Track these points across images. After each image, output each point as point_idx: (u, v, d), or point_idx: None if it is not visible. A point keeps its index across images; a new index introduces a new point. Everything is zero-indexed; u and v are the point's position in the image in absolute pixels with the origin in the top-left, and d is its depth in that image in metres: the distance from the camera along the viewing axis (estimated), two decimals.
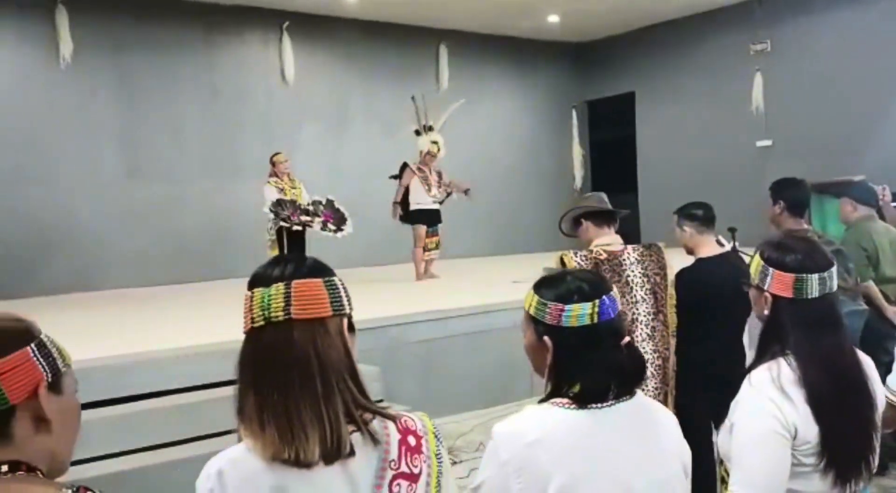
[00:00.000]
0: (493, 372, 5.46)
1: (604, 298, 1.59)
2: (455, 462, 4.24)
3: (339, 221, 7.86)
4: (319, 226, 7.75)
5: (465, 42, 11.88)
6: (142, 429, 3.87)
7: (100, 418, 3.70)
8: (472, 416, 5.14)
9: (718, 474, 2.03)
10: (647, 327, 3.27)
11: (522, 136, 12.62)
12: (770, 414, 1.78)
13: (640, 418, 1.60)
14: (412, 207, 8.12)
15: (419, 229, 8.07)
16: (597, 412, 1.55)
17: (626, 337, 1.61)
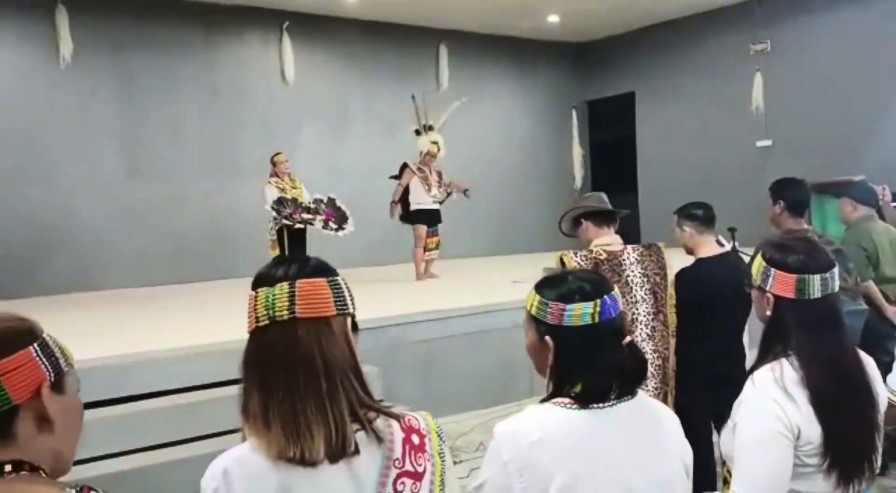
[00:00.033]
0: (493, 372, 5.46)
1: (605, 297, 1.59)
2: (455, 462, 4.23)
3: (341, 219, 7.86)
4: (321, 224, 7.74)
5: (465, 42, 11.87)
6: (141, 429, 3.87)
7: (100, 418, 3.70)
8: (472, 416, 5.13)
9: (721, 475, 2.03)
10: (646, 327, 3.27)
11: (522, 136, 12.62)
12: (773, 415, 1.78)
13: (641, 418, 1.60)
14: (412, 208, 8.11)
15: (419, 229, 8.06)
16: (598, 411, 1.55)
17: (627, 337, 1.62)
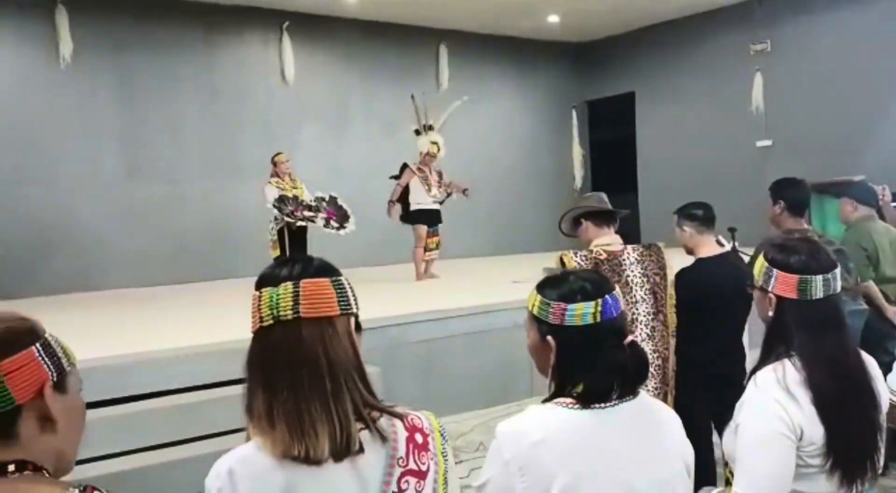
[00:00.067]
0: (493, 372, 5.45)
1: (606, 297, 1.60)
2: (456, 462, 4.23)
3: (342, 218, 7.86)
4: (322, 222, 7.74)
5: (465, 42, 11.87)
6: (142, 429, 3.87)
7: (100, 418, 3.70)
8: (472, 416, 5.13)
9: (723, 475, 2.03)
10: (646, 327, 3.27)
11: (522, 136, 12.62)
12: (776, 415, 1.78)
13: (643, 418, 1.61)
14: (412, 208, 8.10)
15: (420, 229, 8.05)
16: (600, 411, 1.55)
17: (628, 336, 1.62)
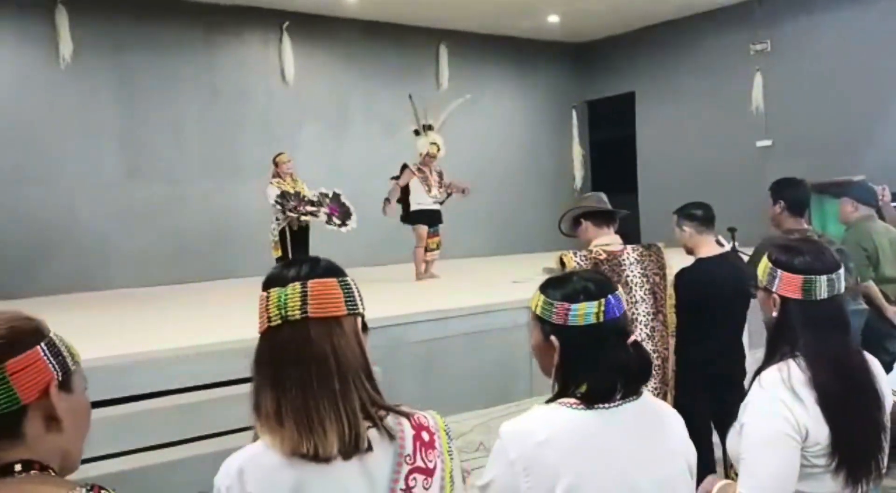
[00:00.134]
0: (493, 372, 5.45)
1: (609, 297, 1.61)
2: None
3: (344, 215, 7.87)
4: (324, 218, 7.75)
5: (465, 42, 11.87)
6: (142, 429, 3.87)
7: (100, 418, 3.69)
8: (472, 416, 5.13)
9: (722, 476, 2.03)
10: (646, 327, 3.27)
11: (522, 136, 12.62)
12: (780, 416, 1.78)
13: (646, 418, 1.61)
14: (413, 208, 8.10)
15: (420, 230, 8.05)
16: (604, 412, 1.56)
17: (631, 336, 1.63)
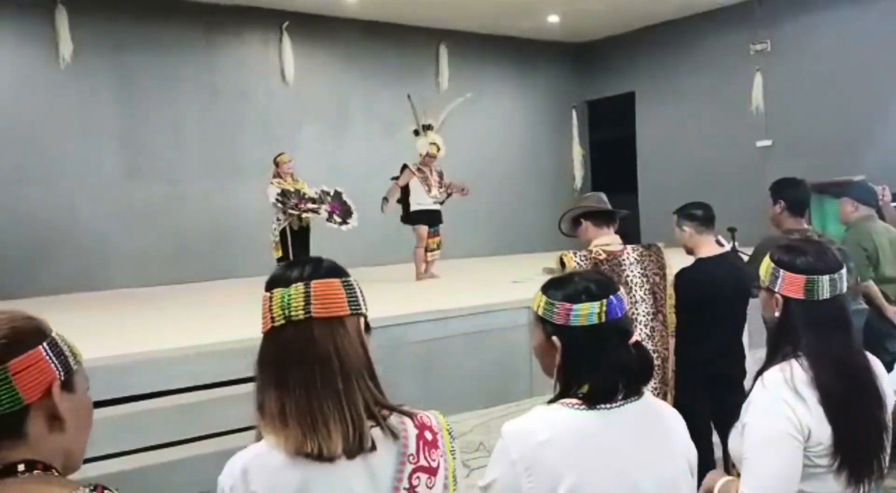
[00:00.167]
0: (493, 372, 5.45)
1: (611, 297, 1.61)
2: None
3: (345, 213, 7.87)
4: (325, 215, 7.75)
5: (465, 42, 11.87)
6: (142, 429, 3.87)
7: (100, 418, 3.66)
8: (472, 416, 5.12)
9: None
10: (646, 327, 3.27)
11: (522, 136, 12.61)
12: (783, 415, 1.78)
13: (647, 418, 1.62)
14: (413, 208, 8.09)
15: (421, 230, 8.04)
16: (606, 412, 1.57)
17: (633, 336, 1.63)
